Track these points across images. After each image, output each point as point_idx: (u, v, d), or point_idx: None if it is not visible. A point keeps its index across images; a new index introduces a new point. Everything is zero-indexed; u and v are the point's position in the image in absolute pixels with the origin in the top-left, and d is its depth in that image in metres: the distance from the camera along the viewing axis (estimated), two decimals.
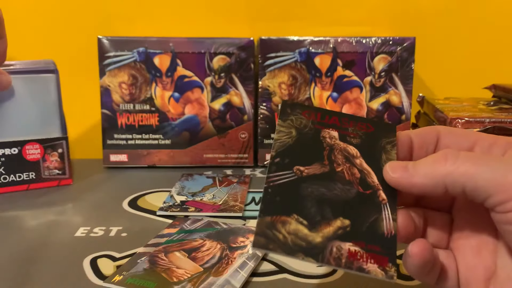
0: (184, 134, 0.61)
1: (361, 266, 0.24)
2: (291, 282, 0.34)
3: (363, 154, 0.28)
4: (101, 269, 0.35)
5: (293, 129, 0.29)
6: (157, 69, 0.60)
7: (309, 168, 0.27)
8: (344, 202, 0.26)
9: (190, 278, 0.33)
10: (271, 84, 0.61)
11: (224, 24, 0.68)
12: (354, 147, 0.29)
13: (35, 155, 0.53)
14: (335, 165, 0.28)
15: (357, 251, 0.25)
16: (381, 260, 0.25)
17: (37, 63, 0.54)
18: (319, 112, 0.30)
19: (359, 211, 0.26)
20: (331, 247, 0.25)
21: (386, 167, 0.26)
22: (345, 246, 0.25)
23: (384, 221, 0.26)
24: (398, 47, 0.60)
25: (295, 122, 0.29)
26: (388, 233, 0.26)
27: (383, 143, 0.29)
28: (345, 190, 0.27)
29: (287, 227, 0.25)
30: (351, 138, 0.29)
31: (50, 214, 0.46)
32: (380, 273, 0.24)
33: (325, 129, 0.29)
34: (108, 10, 0.67)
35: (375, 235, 0.25)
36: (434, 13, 0.68)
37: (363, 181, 0.27)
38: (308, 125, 0.29)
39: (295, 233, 0.25)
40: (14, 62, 0.53)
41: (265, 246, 0.24)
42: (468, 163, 0.23)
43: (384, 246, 0.25)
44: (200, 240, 0.39)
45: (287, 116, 0.29)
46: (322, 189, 0.27)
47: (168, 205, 0.47)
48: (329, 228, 0.25)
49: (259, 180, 0.57)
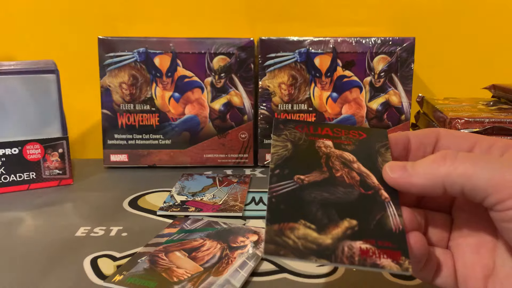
0: (184, 134, 0.61)
1: (375, 262, 0.24)
2: (291, 282, 0.34)
3: (359, 159, 0.29)
4: (102, 269, 0.36)
5: (288, 142, 0.30)
6: (157, 69, 0.60)
7: (309, 176, 0.28)
8: (348, 203, 0.27)
9: (190, 277, 0.33)
10: (271, 84, 0.61)
11: (224, 24, 0.68)
12: (350, 153, 0.29)
13: (35, 155, 0.53)
14: (334, 170, 0.28)
15: (368, 248, 0.25)
16: (394, 255, 0.25)
17: (37, 63, 0.54)
18: (311, 125, 0.31)
19: (365, 210, 0.26)
20: (342, 247, 0.25)
21: (386, 167, 0.27)
22: (356, 245, 0.25)
23: (390, 217, 0.26)
24: (397, 47, 0.60)
25: (289, 136, 0.30)
26: (396, 228, 0.26)
27: (377, 147, 0.29)
28: (348, 193, 0.27)
29: (296, 232, 0.25)
30: (346, 146, 0.30)
31: (50, 214, 0.46)
32: (395, 266, 0.24)
33: (319, 140, 0.30)
34: (109, 10, 0.67)
35: (384, 232, 0.26)
36: (434, 13, 0.68)
37: (364, 182, 0.27)
38: (302, 137, 0.30)
39: (305, 237, 0.25)
40: (14, 62, 0.53)
41: (276, 252, 0.24)
42: (466, 163, 0.23)
43: (394, 241, 0.25)
44: (200, 240, 0.39)
45: (281, 131, 0.30)
46: (325, 193, 0.27)
47: (168, 205, 0.47)
48: (337, 229, 0.25)
49: (259, 180, 0.57)
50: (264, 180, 0.57)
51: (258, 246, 0.38)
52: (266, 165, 0.62)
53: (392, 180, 0.26)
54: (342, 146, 0.30)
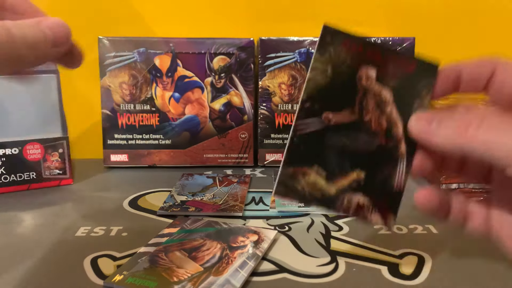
0: (185, 134, 0.61)
1: (365, 216, 0.28)
2: (291, 282, 0.34)
3: (396, 99, 0.28)
4: (102, 268, 0.36)
5: (329, 66, 0.27)
6: (157, 69, 0.60)
7: (338, 114, 0.28)
8: (364, 155, 0.28)
9: (190, 277, 0.33)
10: (271, 84, 0.61)
11: (224, 24, 0.68)
12: (390, 90, 0.28)
13: (35, 155, 0.53)
14: (365, 112, 0.28)
15: (365, 204, 0.28)
16: (385, 212, 0.28)
17: None
18: (361, 43, 0.27)
19: (376, 164, 0.28)
20: (342, 199, 0.28)
21: (412, 118, 0.26)
22: (355, 199, 0.28)
23: (397, 175, 0.28)
24: (398, 47, 0.60)
25: (333, 55, 0.27)
26: (397, 187, 0.28)
27: (419, 86, 0.27)
28: (368, 143, 0.28)
29: (307, 178, 0.27)
30: (389, 79, 0.28)
31: (50, 214, 0.46)
32: (381, 222, 0.28)
33: (363, 67, 0.27)
34: (109, 11, 0.67)
35: (385, 190, 0.28)
36: (434, 13, 0.68)
37: (388, 132, 0.28)
38: (346, 60, 0.27)
39: (313, 185, 0.27)
40: None
41: (285, 195, 0.27)
42: (489, 133, 0.22)
43: (390, 200, 0.28)
44: (200, 240, 0.39)
45: (327, 46, 0.27)
46: (346, 140, 0.28)
47: (169, 205, 0.47)
48: (344, 180, 0.28)
49: (259, 180, 0.57)
50: (264, 180, 0.57)
51: (258, 246, 0.38)
52: (266, 165, 0.62)
53: (415, 132, 0.26)
54: (385, 79, 0.28)
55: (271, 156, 0.62)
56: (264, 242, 0.38)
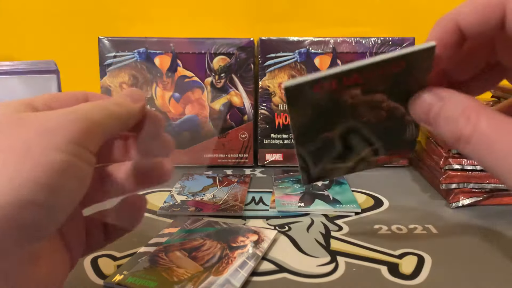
0: (185, 134, 0.61)
1: (385, 162, 0.33)
2: (291, 282, 0.34)
3: (392, 95, 0.26)
4: (102, 268, 0.36)
5: (308, 109, 0.26)
6: (157, 69, 0.60)
7: (334, 131, 0.29)
8: (371, 137, 0.30)
9: (190, 277, 0.33)
10: (271, 84, 0.61)
11: (224, 24, 0.68)
12: (381, 93, 0.26)
13: None
14: (360, 118, 0.28)
15: (384, 158, 0.32)
16: (404, 153, 0.33)
17: (38, 63, 0.54)
18: (333, 79, 0.24)
19: (386, 137, 0.30)
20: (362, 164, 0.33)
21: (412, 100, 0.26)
22: (374, 159, 0.32)
23: (408, 132, 0.30)
24: (398, 47, 0.60)
25: (307, 102, 0.26)
26: (411, 137, 0.31)
27: (416, 73, 0.25)
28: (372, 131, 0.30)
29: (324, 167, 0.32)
30: (378, 86, 0.26)
31: None
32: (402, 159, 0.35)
33: (345, 93, 0.25)
34: (109, 11, 0.67)
35: (400, 145, 0.31)
36: (434, 13, 0.68)
37: (390, 116, 0.28)
38: (324, 98, 0.25)
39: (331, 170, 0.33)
40: (14, 62, 0.53)
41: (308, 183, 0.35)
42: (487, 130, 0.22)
43: (406, 147, 0.32)
44: (201, 240, 0.39)
45: (297, 100, 0.25)
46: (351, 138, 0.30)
47: (169, 205, 0.47)
48: (359, 155, 0.32)
49: (259, 180, 0.57)
50: (264, 180, 0.57)
51: (258, 246, 0.38)
52: (266, 165, 0.62)
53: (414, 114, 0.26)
54: (373, 89, 0.26)
55: (271, 156, 0.62)
56: (264, 242, 0.38)
